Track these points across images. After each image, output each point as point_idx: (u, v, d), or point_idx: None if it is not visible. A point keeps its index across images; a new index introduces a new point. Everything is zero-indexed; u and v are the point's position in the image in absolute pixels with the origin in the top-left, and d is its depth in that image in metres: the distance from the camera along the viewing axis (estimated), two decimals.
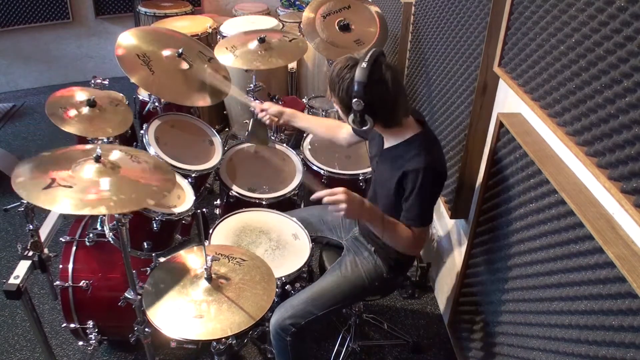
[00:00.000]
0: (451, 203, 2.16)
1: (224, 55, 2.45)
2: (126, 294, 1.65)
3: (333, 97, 1.58)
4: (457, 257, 2.25)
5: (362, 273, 1.80)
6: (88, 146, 1.62)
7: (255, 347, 2.24)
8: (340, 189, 1.51)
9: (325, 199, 1.51)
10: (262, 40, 2.49)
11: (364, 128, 1.55)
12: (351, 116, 1.55)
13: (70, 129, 2.02)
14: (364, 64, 1.46)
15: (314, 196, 1.53)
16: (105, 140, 2.10)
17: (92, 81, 2.32)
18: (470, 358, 2.00)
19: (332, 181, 2.41)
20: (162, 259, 1.78)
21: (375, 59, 1.48)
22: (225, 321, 1.40)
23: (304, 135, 2.64)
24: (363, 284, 1.80)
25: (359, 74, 1.46)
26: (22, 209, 1.62)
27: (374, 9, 2.79)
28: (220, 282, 1.50)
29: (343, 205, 1.49)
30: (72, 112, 2.06)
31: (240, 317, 1.41)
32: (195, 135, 2.47)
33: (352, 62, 1.51)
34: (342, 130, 1.99)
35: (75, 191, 1.37)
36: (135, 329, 1.74)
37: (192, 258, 1.60)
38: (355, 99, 1.48)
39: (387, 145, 1.69)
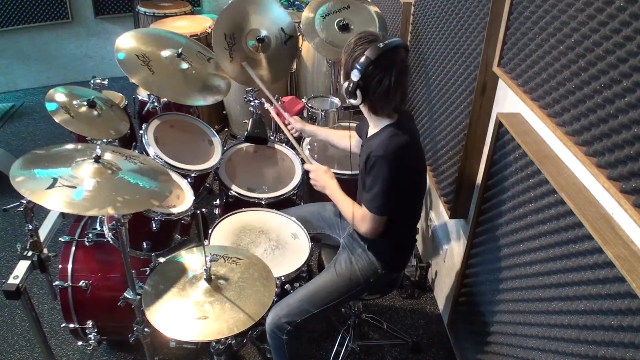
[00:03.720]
0: (450, 203, 2.16)
1: (223, 54, 2.42)
2: (125, 294, 1.65)
3: (342, 60, 1.62)
4: (456, 257, 2.25)
5: (357, 270, 1.80)
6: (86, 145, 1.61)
7: (254, 347, 2.23)
8: (314, 166, 1.89)
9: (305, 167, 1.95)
10: (260, 40, 2.49)
11: (352, 101, 1.60)
12: (346, 84, 1.59)
13: (71, 128, 2.01)
14: (381, 44, 1.51)
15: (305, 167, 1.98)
16: (105, 141, 2.10)
17: (92, 81, 2.32)
18: (470, 358, 1.99)
19: None
20: (161, 259, 1.78)
21: (395, 47, 1.53)
22: (228, 320, 1.39)
23: (303, 135, 2.64)
24: (358, 280, 1.80)
25: (371, 50, 1.51)
26: (22, 209, 1.62)
27: (373, 8, 2.79)
28: (219, 283, 1.50)
29: (311, 174, 1.86)
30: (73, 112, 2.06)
31: (243, 316, 1.41)
32: (195, 135, 2.47)
33: (373, 37, 1.55)
34: (355, 139, 2.01)
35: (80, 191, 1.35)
36: (135, 328, 1.74)
37: (191, 258, 1.60)
38: (355, 70, 1.52)
39: (368, 136, 1.74)
